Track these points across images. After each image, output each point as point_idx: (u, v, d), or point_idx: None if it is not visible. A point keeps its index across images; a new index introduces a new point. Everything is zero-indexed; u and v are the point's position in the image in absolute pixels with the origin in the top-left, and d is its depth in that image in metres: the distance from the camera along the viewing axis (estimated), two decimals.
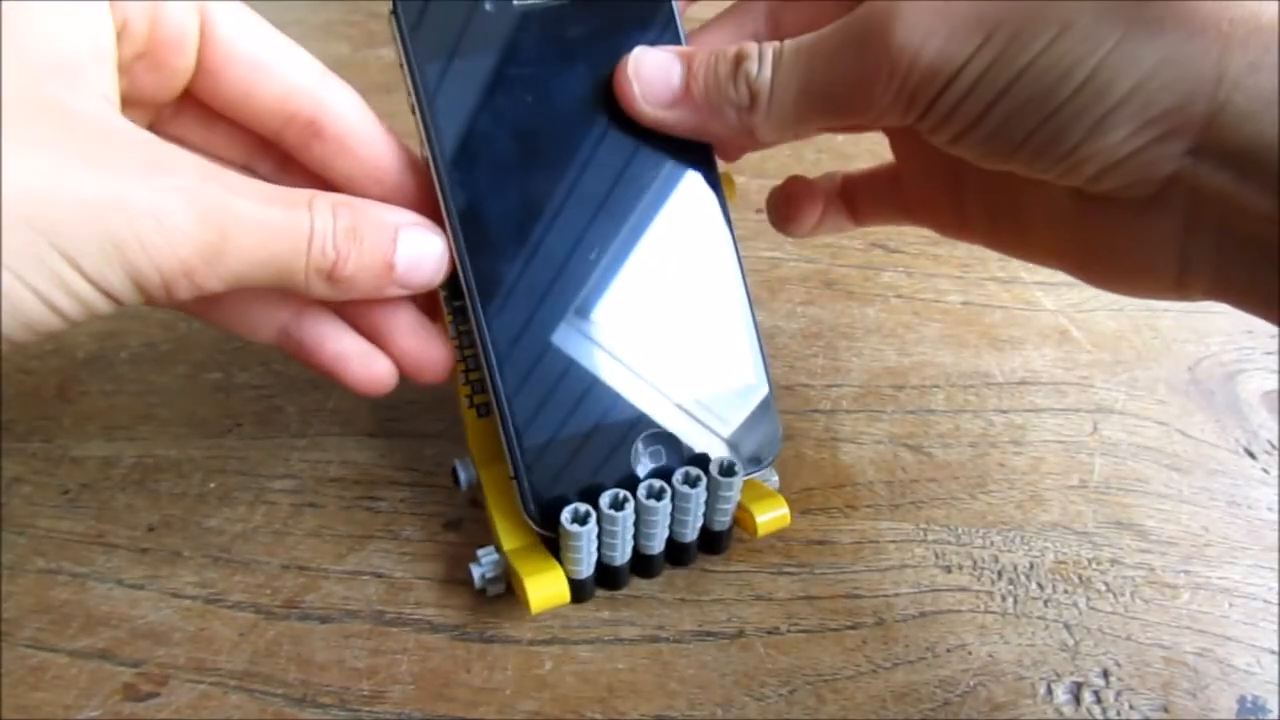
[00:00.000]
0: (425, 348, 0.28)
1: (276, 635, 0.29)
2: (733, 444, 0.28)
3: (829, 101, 0.24)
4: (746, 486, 0.28)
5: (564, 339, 0.26)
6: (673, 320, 0.28)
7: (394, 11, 0.25)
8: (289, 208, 0.22)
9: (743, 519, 0.28)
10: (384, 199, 0.26)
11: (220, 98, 0.25)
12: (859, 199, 0.33)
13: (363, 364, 0.27)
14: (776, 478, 0.30)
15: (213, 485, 0.33)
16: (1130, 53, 0.20)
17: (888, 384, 0.37)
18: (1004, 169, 0.24)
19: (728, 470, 0.26)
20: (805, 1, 0.30)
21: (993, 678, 0.28)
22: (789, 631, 0.29)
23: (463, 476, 0.30)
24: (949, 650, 0.29)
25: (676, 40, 0.27)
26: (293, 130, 0.25)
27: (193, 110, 0.26)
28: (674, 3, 0.27)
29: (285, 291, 0.26)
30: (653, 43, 0.27)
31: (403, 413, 0.36)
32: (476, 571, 0.28)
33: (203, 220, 0.20)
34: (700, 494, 0.26)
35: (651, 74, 0.26)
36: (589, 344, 0.27)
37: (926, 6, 0.22)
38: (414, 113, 0.26)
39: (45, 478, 0.33)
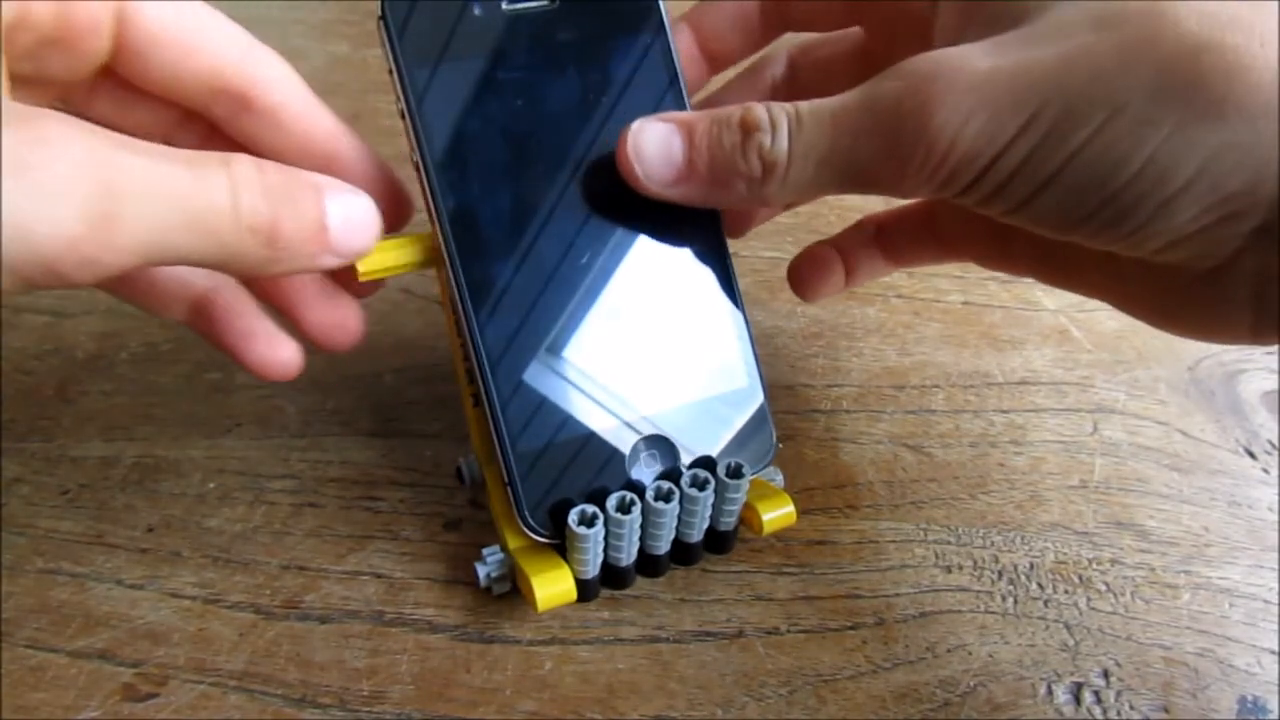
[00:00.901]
0: (334, 315, 0.27)
1: (276, 635, 0.29)
2: (728, 445, 0.28)
3: (854, 175, 0.23)
4: (751, 485, 0.28)
5: (556, 344, 0.26)
6: (664, 323, 0.28)
7: (382, 16, 0.25)
8: (198, 165, 0.20)
9: (748, 517, 0.28)
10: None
11: (142, 76, 0.24)
12: (894, 242, 0.32)
13: (268, 345, 0.26)
14: (781, 476, 0.30)
15: (212, 485, 0.33)
16: (1189, 139, 0.19)
17: (888, 384, 0.37)
18: (1059, 239, 0.23)
19: (735, 472, 0.26)
20: (821, 59, 0.30)
21: (993, 678, 0.28)
22: (789, 631, 0.29)
23: (467, 475, 0.30)
24: (949, 650, 0.29)
25: (665, 44, 0.27)
26: (220, 104, 0.25)
27: (109, 84, 0.24)
28: (662, 5, 0.27)
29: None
30: (641, 46, 0.27)
31: (403, 413, 0.36)
32: (482, 570, 0.28)
33: (80, 173, 0.17)
34: (708, 496, 0.26)
35: (653, 151, 0.25)
36: (582, 349, 0.27)
37: (967, 85, 0.21)
38: (403, 118, 0.26)
39: (45, 478, 0.33)
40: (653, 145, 0.25)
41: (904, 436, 0.35)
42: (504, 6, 0.26)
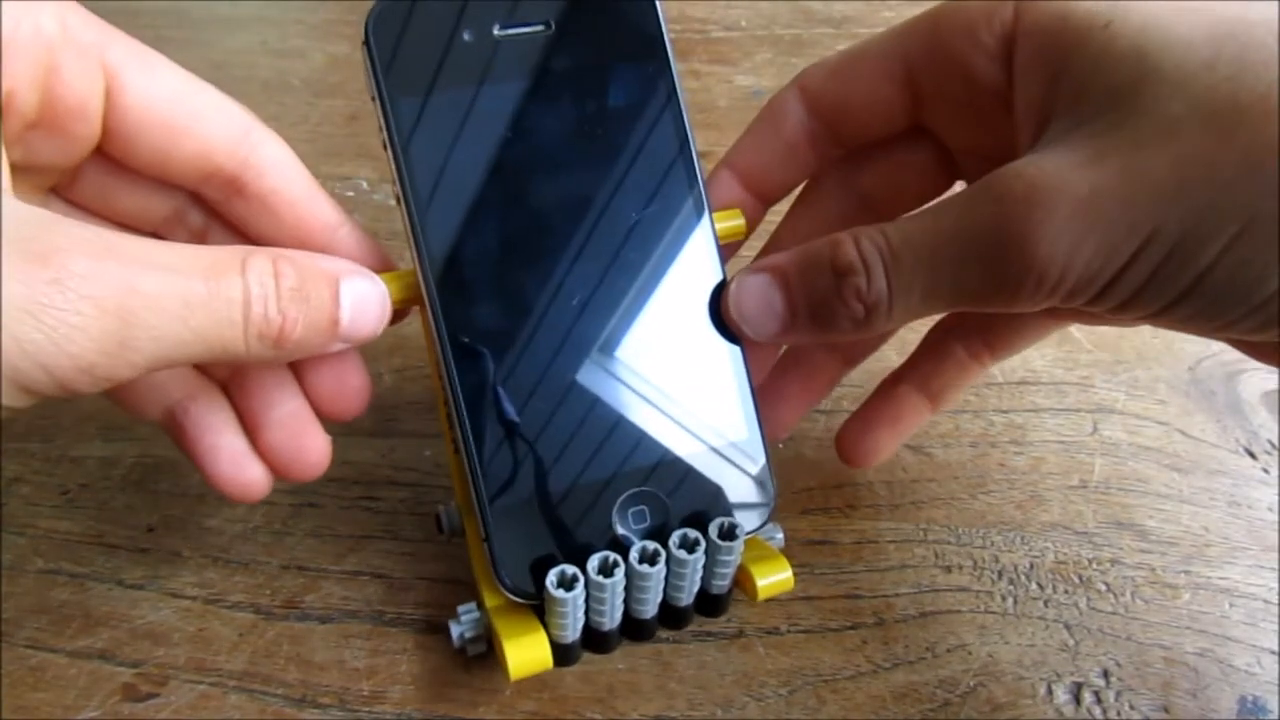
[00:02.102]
0: (294, 445, 0.25)
1: (276, 635, 0.29)
2: (724, 502, 0.26)
3: (963, 301, 0.22)
4: (748, 545, 0.26)
5: (541, 392, 0.25)
6: (658, 370, 0.26)
7: (366, 42, 0.24)
8: (215, 276, 0.20)
9: (742, 580, 0.26)
10: None
11: (133, 158, 0.23)
12: (981, 331, 0.30)
13: (233, 464, 0.25)
14: (781, 535, 0.28)
15: None
16: None
17: None
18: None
19: (728, 533, 0.25)
20: (880, 164, 0.28)
21: (993, 678, 0.28)
22: (789, 631, 0.29)
23: (446, 524, 0.29)
24: (949, 650, 0.29)
25: (666, 71, 0.26)
26: (212, 187, 0.24)
27: (96, 168, 0.24)
28: (664, 31, 0.26)
29: (185, 373, 0.24)
30: (640, 73, 0.26)
31: (403, 413, 0.36)
32: (455, 630, 0.26)
33: (100, 309, 0.18)
34: (698, 559, 0.24)
35: (753, 307, 0.25)
36: (568, 397, 0.25)
37: (1070, 210, 0.19)
38: (386, 149, 0.24)
39: (45, 478, 0.33)
40: (752, 301, 0.25)
41: None
42: (496, 32, 0.25)
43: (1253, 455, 0.35)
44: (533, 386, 0.25)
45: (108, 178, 0.24)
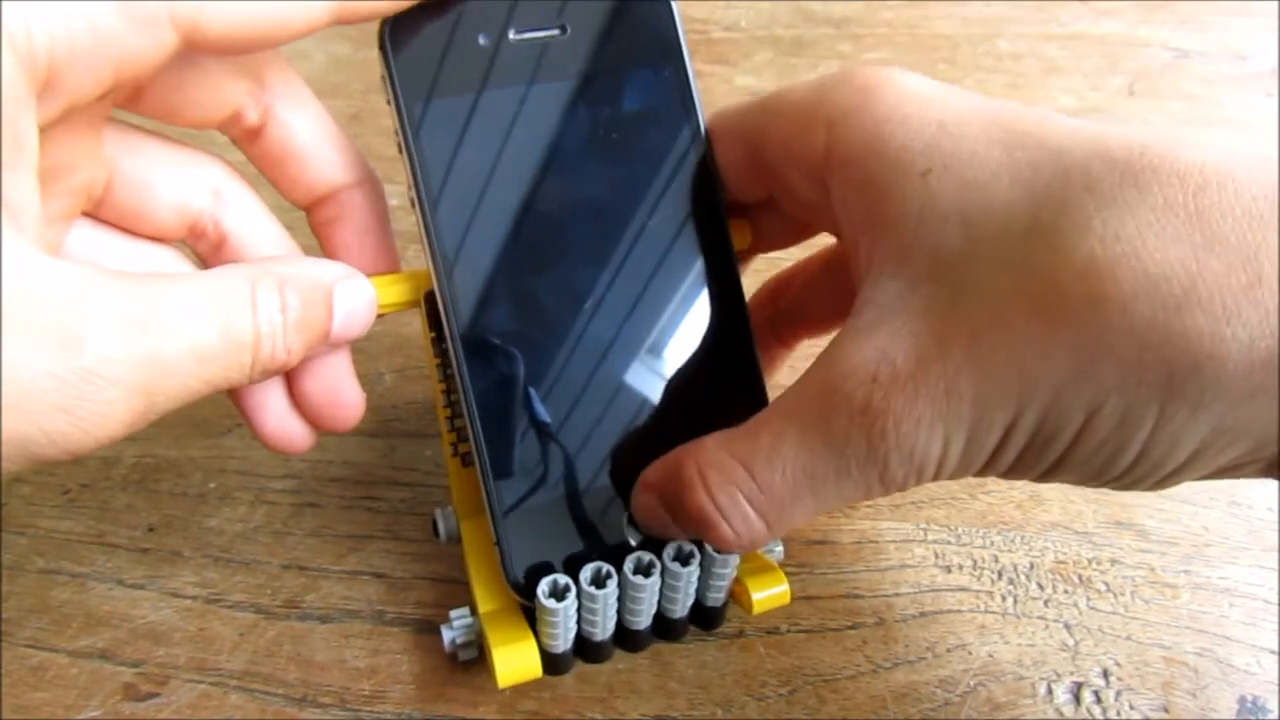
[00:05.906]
0: (331, 393, 0.25)
1: (276, 635, 0.29)
2: None
3: (839, 505, 0.22)
4: (745, 557, 0.26)
5: (554, 396, 0.25)
6: (673, 379, 0.26)
7: (382, 46, 0.24)
8: (227, 321, 0.20)
9: (738, 592, 0.26)
10: None
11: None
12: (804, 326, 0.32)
13: (278, 421, 0.25)
14: (780, 548, 0.28)
15: (213, 485, 0.33)
16: (1179, 428, 0.18)
17: None
18: None
19: None
20: (763, 207, 0.27)
21: (993, 678, 0.28)
22: (789, 631, 0.29)
23: (442, 529, 0.28)
24: (949, 650, 0.29)
25: (682, 72, 0.26)
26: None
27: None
28: (679, 32, 0.26)
29: None
30: (656, 76, 0.26)
31: (403, 413, 0.36)
32: (447, 635, 0.26)
33: (128, 390, 0.18)
34: (693, 572, 0.24)
35: (647, 519, 0.24)
36: (581, 402, 0.25)
37: (931, 412, 0.19)
38: (400, 151, 0.24)
39: (45, 478, 0.33)
40: (642, 511, 0.24)
41: None
42: (511, 36, 0.25)
43: None
44: (545, 389, 0.25)
45: (170, 78, 0.23)
